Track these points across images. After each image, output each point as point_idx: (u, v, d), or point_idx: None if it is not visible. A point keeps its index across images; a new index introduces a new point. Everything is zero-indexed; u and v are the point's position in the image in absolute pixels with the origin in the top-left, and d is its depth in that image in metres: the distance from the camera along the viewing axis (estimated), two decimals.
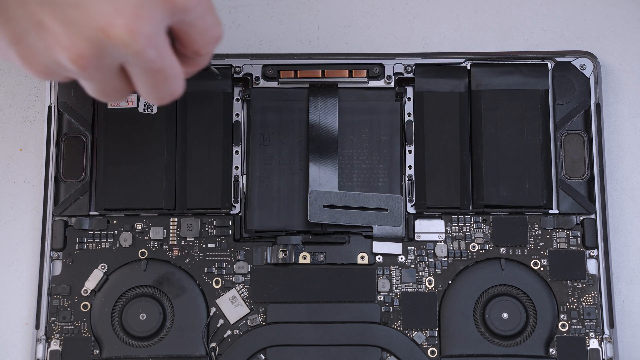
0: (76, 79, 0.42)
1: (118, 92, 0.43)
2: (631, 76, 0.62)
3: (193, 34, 0.42)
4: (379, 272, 0.58)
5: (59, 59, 0.39)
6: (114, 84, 0.42)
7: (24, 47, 0.39)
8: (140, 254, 0.59)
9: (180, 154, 0.59)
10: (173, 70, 0.42)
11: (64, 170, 0.59)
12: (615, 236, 0.60)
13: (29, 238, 0.60)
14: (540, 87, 0.60)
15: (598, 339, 0.57)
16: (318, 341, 0.57)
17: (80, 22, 0.38)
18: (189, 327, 0.57)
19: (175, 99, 0.44)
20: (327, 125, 0.59)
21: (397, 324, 0.57)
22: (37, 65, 0.40)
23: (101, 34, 0.38)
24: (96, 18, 0.37)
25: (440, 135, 0.59)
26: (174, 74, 0.42)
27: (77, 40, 0.38)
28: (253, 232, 0.59)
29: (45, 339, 0.57)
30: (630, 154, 0.61)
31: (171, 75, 0.42)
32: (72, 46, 0.38)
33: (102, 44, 0.38)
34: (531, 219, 0.58)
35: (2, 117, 0.62)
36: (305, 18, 0.64)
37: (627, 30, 0.63)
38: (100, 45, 0.38)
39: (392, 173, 0.59)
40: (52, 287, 0.58)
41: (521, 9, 0.63)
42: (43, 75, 0.40)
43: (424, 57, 0.61)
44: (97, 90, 0.43)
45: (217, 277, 0.58)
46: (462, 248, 0.58)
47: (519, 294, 0.58)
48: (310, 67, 0.60)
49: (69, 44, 0.38)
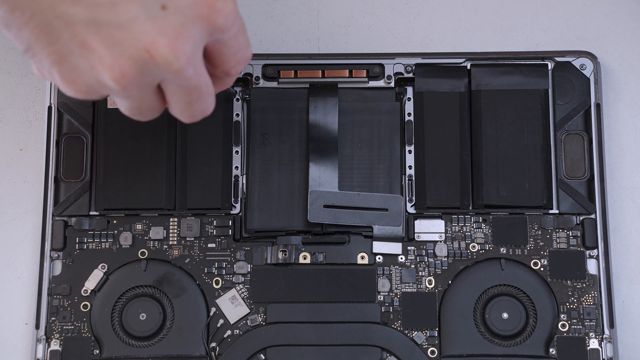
0: (114, 96, 0.43)
1: (152, 109, 0.44)
2: (631, 76, 0.62)
3: (225, 54, 0.43)
4: (379, 272, 0.58)
5: (102, 78, 0.40)
6: (149, 102, 0.43)
7: (67, 68, 0.40)
8: (140, 254, 0.59)
9: (180, 154, 0.59)
10: (207, 88, 0.43)
11: (64, 170, 0.59)
12: (615, 236, 0.60)
13: (29, 238, 0.60)
14: (540, 87, 0.60)
15: (598, 339, 0.57)
16: (318, 341, 0.57)
17: (124, 42, 0.39)
18: (189, 327, 0.57)
19: (206, 116, 0.45)
20: (327, 125, 0.59)
21: (397, 324, 0.57)
22: (80, 84, 0.41)
23: (144, 53, 0.39)
24: (140, 38, 0.38)
25: (440, 135, 0.59)
26: (208, 91, 0.43)
27: (120, 60, 0.39)
28: (253, 232, 0.59)
29: (45, 339, 0.57)
30: (630, 154, 0.61)
31: (205, 92, 0.43)
32: (115, 66, 0.39)
33: (145, 63, 0.39)
34: (531, 219, 0.58)
35: (2, 117, 0.62)
36: (305, 18, 0.64)
37: (627, 30, 0.63)
38: (142, 64, 0.39)
39: (392, 173, 0.59)
40: (52, 287, 0.58)
41: (521, 9, 0.63)
42: (83, 94, 0.41)
43: (424, 57, 0.61)
44: (132, 108, 0.44)
45: (217, 277, 0.58)
46: (462, 248, 0.58)
47: (519, 294, 0.58)
48: (310, 67, 0.60)
49: (113, 64, 0.39)
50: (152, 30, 0.39)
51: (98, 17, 0.38)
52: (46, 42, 0.39)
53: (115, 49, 0.39)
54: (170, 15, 0.39)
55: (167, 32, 0.39)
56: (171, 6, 0.39)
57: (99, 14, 0.38)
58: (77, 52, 0.39)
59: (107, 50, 0.39)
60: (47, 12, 0.38)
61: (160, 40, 0.39)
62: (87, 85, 0.41)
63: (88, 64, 0.39)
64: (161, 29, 0.39)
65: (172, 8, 0.39)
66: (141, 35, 0.38)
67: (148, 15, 0.38)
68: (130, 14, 0.38)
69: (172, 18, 0.39)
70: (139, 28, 0.38)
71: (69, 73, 0.40)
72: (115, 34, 0.38)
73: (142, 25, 0.38)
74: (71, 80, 0.40)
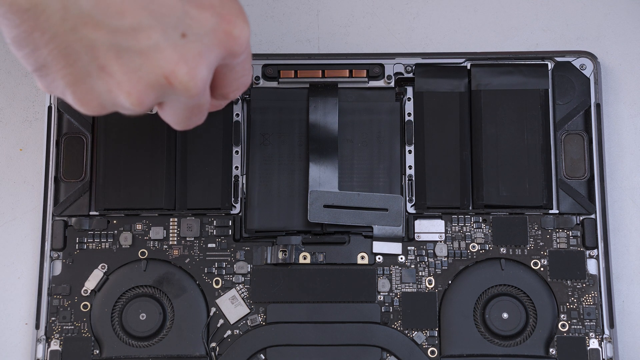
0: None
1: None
2: (631, 76, 0.62)
3: (229, 78, 0.44)
4: (379, 272, 0.58)
5: (118, 101, 0.40)
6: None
7: (83, 89, 0.40)
8: (140, 254, 0.59)
9: (180, 154, 0.59)
10: (207, 105, 0.44)
11: (64, 170, 0.59)
12: (615, 236, 0.60)
13: (29, 238, 0.60)
14: (540, 87, 0.60)
15: (598, 339, 0.57)
16: (318, 341, 0.57)
17: (144, 68, 0.39)
18: (189, 327, 0.57)
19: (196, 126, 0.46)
20: (327, 125, 0.59)
21: (397, 324, 0.57)
22: (94, 105, 0.41)
23: (164, 80, 0.39)
24: (160, 65, 0.39)
25: (440, 135, 0.59)
26: (207, 108, 0.44)
27: (139, 86, 0.39)
28: (253, 232, 0.59)
29: (45, 339, 0.57)
30: (630, 154, 0.61)
31: (205, 109, 0.44)
32: (134, 91, 0.39)
33: (162, 89, 0.40)
34: (531, 219, 0.58)
35: (2, 117, 0.62)
36: (305, 18, 0.64)
37: (627, 30, 0.63)
38: (160, 89, 0.40)
39: (392, 173, 0.59)
40: (52, 287, 0.58)
41: (521, 9, 0.63)
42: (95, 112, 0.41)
43: (424, 57, 0.61)
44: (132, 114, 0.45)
45: (217, 277, 0.58)
46: (462, 248, 0.58)
47: (519, 294, 0.58)
48: (310, 67, 0.60)
49: (131, 89, 0.39)
50: (172, 58, 0.39)
51: (119, 43, 0.38)
52: (64, 64, 0.39)
53: (134, 75, 0.39)
54: (190, 43, 0.40)
55: (187, 60, 0.39)
56: (191, 34, 0.39)
57: (120, 39, 0.38)
58: (95, 75, 0.39)
59: (127, 76, 0.39)
60: (68, 35, 0.38)
61: (180, 69, 0.39)
62: (101, 106, 0.41)
63: (105, 86, 0.39)
64: (181, 56, 0.39)
65: (192, 36, 0.40)
66: (161, 62, 0.39)
67: (168, 43, 0.39)
68: (152, 41, 0.38)
69: (192, 46, 0.40)
70: (160, 55, 0.39)
71: (84, 94, 0.40)
72: (136, 60, 0.39)
73: (162, 52, 0.39)
74: (86, 101, 0.41)
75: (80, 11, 0.37)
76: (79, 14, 0.37)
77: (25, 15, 0.37)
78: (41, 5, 0.37)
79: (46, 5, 0.37)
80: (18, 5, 0.37)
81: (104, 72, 0.39)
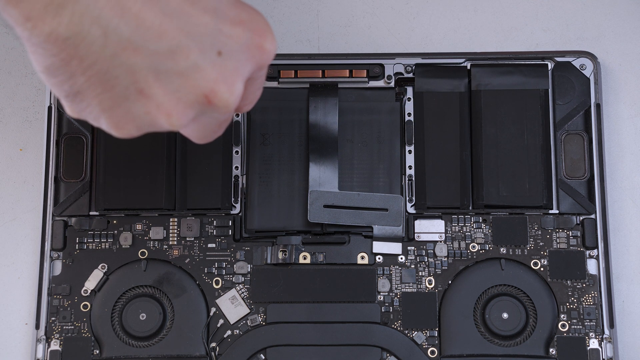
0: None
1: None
2: (631, 76, 0.62)
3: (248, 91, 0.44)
4: (379, 272, 0.58)
5: (157, 122, 0.40)
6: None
7: (119, 113, 0.40)
8: (140, 254, 0.59)
9: (180, 154, 0.59)
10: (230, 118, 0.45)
11: (64, 170, 0.59)
12: (615, 236, 0.60)
13: (29, 238, 0.60)
14: (540, 87, 0.60)
15: (598, 339, 0.57)
16: (318, 341, 0.57)
17: (183, 89, 0.39)
18: (189, 327, 0.57)
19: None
20: (327, 125, 0.59)
21: (397, 324, 0.57)
22: (130, 128, 0.40)
23: (203, 99, 0.39)
24: (199, 85, 0.39)
25: (440, 135, 0.59)
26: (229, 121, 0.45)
27: (178, 107, 0.39)
28: (253, 232, 0.59)
29: (45, 339, 0.57)
30: (630, 154, 0.61)
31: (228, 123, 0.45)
32: (173, 112, 0.39)
33: (202, 107, 0.40)
34: (531, 219, 0.58)
35: (2, 117, 0.62)
36: (305, 18, 0.64)
37: (627, 30, 0.63)
38: (199, 108, 0.40)
39: (392, 173, 0.59)
40: (52, 287, 0.58)
41: (521, 9, 0.63)
42: (130, 135, 0.41)
43: (424, 57, 0.61)
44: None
45: (217, 277, 0.58)
46: (462, 248, 0.58)
47: (519, 294, 0.58)
48: (310, 67, 0.60)
49: (171, 111, 0.39)
50: (210, 77, 0.39)
51: (158, 65, 0.38)
52: (101, 90, 0.39)
53: (173, 96, 0.39)
54: (226, 60, 0.40)
55: (225, 78, 0.40)
56: (226, 52, 0.40)
57: (159, 62, 0.38)
58: (132, 98, 0.39)
59: (166, 97, 0.39)
60: (108, 62, 0.37)
61: (219, 87, 0.39)
62: (138, 128, 0.40)
63: (143, 109, 0.39)
64: (219, 75, 0.39)
65: (227, 53, 0.40)
66: (200, 82, 0.39)
67: (206, 62, 0.39)
68: (190, 61, 0.38)
69: (228, 64, 0.40)
70: (199, 75, 0.39)
71: (120, 118, 0.40)
72: (175, 81, 0.38)
73: (200, 72, 0.39)
74: (122, 125, 0.40)
75: (120, 37, 0.36)
76: (119, 40, 0.37)
77: (64, 44, 0.36)
78: (82, 34, 0.36)
79: (87, 33, 0.36)
80: (57, 34, 0.36)
81: (142, 94, 0.39)
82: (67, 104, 0.40)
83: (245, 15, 0.41)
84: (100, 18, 0.36)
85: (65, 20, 0.35)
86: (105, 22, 0.36)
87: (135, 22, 0.36)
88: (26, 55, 0.62)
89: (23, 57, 0.63)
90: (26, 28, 0.36)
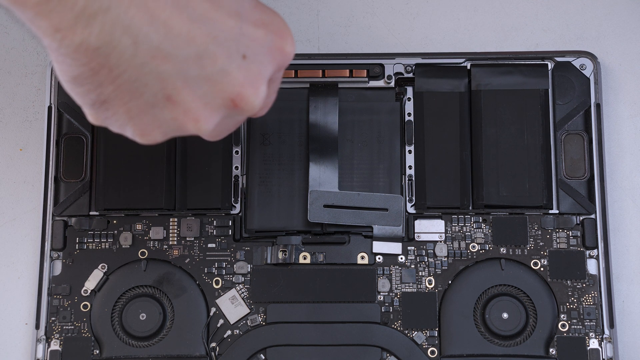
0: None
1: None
2: (631, 76, 0.62)
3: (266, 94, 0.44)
4: (379, 272, 0.58)
5: (184, 127, 0.40)
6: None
7: (146, 120, 0.39)
8: (140, 254, 0.59)
9: (180, 154, 0.59)
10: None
11: (64, 170, 0.59)
12: (615, 236, 0.60)
13: (29, 238, 0.60)
14: (540, 87, 0.60)
15: (598, 339, 0.57)
16: (318, 341, 0.57)
17: (211, 94, 0.39)
18: (189, 327, 0.57)
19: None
20: (327, 125, 0.59)
21: (397, 324, 0.57)
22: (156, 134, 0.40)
23: (230, 103, 0.40)
24: (226, 89, 0.39)
25: (440, 135, 0.59)
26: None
27: (206, 112, 0.39)
28: (253, 232, 0.59)
29: (45, 339, 0.57)
30: (630, 154, 0.61)
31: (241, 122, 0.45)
32: (201, 118, 0.39)
33: (229, 111, 0.40)
34: (531, 219, 0.58)
35: (2, 117, 0.62)
36: (305, 18, 0.64)
37: (627, 30, 0.63)
38: (226, 112, 0.40)
39: (392, 173, 0.59)
40: (52, 287, 0.58)
41: (521, 9, 0.63)
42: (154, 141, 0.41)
43: (424, 57, 0.61)
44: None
45: (217, 277, 0.58)
46: (462, 248, 0.58)
47: (519, 294, 0.58)
48: (310, 67, 0.60)
49: (199, 115, 0.39)
50: (237, 81, 0.39)
51: (186, 72, 0.38)
52: (129, 98, 0.38)
53: (201, 101, 0.39)
54: (251, 64, 0.40)
55: (251, 82, 0.40)
56: (250, 55, 0.40)
57: (187, 68, 0.38)
58: (160, 105, 0.39)
59: (194, 103, 0.39)
60: (136, 70, 0.37)
61: (246, 91, 0.39)
62: (164, 134, 0.41)
63: (170, 115, 0.39)
64: (245, 78, 0.39)
65: (251, 56, 0.40)
66: (227, 87, 0.39)
67: (233, 67, 0.39)
68: (217, 66, 0.38)
69: (252, 67, 0.40)
70: (225, 79, 0.39)
71: (146, 125, 0.40)
72: (202, 87, 0.38)
73: (228, 77, 0.39)
74: (148, 131, 0.40)
75: (150, 45, 0.36)
76: (148, 47, 0.36)
77: (95, 53, 0.36)
78: (113, 43, 0.36)
79: (118, 42, 0.36)
80: (88, 44, 0.35)
81: (170, 101, 0.38)
82: (92, 112, 0.40)
83: (267, 17, 0.41)
84: (131, 27, 0.35)
85: (96, 30, 0.35)
86: (136, 31, 0.36)
87: (164, 30, 0.36)
88: (26, 55, 0.62)
89: (23, 57, 0.63)
90: (55, 39, 0.35)
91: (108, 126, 0.41)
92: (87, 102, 0.39)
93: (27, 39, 0.63)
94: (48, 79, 0.60)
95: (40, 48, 0.63)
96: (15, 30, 0.63)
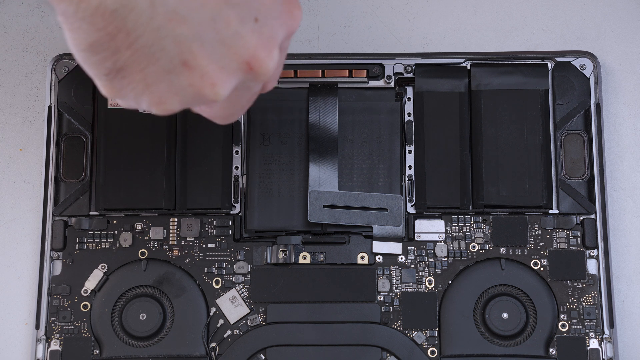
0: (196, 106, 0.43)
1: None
2: (631, 76, 0.62)
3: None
4: (379, 272, 0.58)
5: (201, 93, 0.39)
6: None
7: (162, 87, 0.39)
8: (140, 254, 0.59)
9: (180, 154, 0.59)
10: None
11: (64, 170, 0.59)
12: (615, 236, 0.60)
13: (29, 238, 0.60)
14: (540, 87, 0.60)
15: (598, 339, 0.57)
16: (318, 341, 0.57)
17: (226, 57, 0.39)
18: (189, 327, 0.57)
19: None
20: (327, 125, 0.59)
21: (397, 324, 0.57)
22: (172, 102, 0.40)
23: (245, 66, 0.39)
24: (241, 52, 0.39)
25: (440, 135, 0.59)
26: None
27: (222, 75, 0.39)
28: (253, 232, 0.59)
29: (45, 339, 0.57)
30: (630, 154, 0.61)
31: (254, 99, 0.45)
32: (218, 81, 0.39)
33: (244, 75, 0.40)
34: (531, 219, 0.58)
35: (2, 117, 0.62)
36: (305, 18, 0.64)
37: (627, 30, 0.63)
38: (241, 76, 0.40)
39: (392, 173, 0.59)
40: (52, 287, 0.58)
41: (521, 9, 0.63)
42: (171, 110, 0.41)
43: (424, 57, 0.61)
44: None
45: (217, 277, 0.58)
46: (462, 248, 0.58)
47: (519, 294, 0.58)
48: (310, 67, 0.60)
49: (215, 80, 0.39)
50: (251, 44, 0.39)
51: (201, 36, 0.38)
52: (146, 63, 0.38)
53: (217, 65, 0.39)
54: (263, 27, 0.40)
55: (264, 45, 0.40)
56: (262, 18, 0.39)
57: (202, 32, 0.37)
58: (176, 71, 0.38)
59: (210, 67, 0.39)
60: (154, 33, 0.37)
61: (260, 53, 0.39)
62: (181, 102, 0.40)
63: (187, 81, 0.39)
64: (258, 41, 0.39)
65: (263, 19, 0.40)
66: (242, 50, 0.39)
67: (246, 29, 0.39)
68: (231, 29, 0.38)
69: (265, 30, 0.40)
70: (240, 42, 0.39)
71: (163, 92, 0.39)
72: (217, 50, 0.38)
73: (241, 40, 0.39)
74: (164, 99, 0.40)
75: (167, 8, 0.36)
76: (165, 10, 0.36)
77: (112, 16, 0.36)
78: (130, 5, 0.35)
79: (135, 4, 0.35)
80: (105, 6, 0.35)
81: (186, 66, 0.38)
82: (107, 83, 0.39)
83: None
84: None
85: None
86: None
87: None
88: (26, 55, 0.62)
89: (23, 57, 0.63)
90: (72, 2, 0.35)
91: (123, 98, 0.40)
92: (102, 71, 0.38)
93: (27, 39, 0.63)
94: (48, 79, 0.60)
95: (40, 48, 0.63)
96: (16, 30, 0.63)
